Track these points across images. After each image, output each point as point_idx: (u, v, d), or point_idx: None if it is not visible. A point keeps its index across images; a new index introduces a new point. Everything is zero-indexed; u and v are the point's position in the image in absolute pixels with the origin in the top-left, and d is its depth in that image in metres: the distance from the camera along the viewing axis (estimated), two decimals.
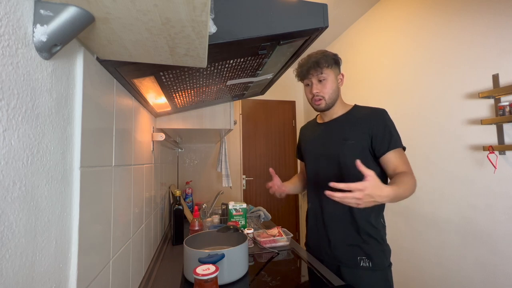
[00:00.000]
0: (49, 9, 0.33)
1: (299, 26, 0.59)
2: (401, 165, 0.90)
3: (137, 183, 0.85)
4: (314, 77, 0.98)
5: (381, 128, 0.93)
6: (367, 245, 0.93)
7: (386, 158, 0.91)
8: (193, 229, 1.30)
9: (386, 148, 0.91)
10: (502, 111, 1.27)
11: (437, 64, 1.65)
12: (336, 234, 0.98)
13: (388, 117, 0.96)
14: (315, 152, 1.07)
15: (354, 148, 0.94)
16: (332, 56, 1.00)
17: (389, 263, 0.95)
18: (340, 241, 0.97)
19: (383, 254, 0.94)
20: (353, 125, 0.97)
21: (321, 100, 0.99)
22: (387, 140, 0.91)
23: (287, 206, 3.41)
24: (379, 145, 0.92)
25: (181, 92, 0.88)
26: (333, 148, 0.99)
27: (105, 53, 0.48)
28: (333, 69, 0.99)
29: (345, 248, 0.96)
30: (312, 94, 1.00)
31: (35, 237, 0.34)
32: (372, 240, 0.94)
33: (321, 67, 0.96)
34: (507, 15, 1.28)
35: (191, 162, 2.48)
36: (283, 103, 3.50)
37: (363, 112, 0.99)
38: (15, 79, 0.31)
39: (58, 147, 0.40)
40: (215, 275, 0.63)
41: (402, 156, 0.92)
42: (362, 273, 0.92)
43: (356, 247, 0.94)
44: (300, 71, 1.02)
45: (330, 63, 0.98)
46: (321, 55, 0.98)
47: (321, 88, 0.98)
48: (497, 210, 1.32)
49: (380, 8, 2.15)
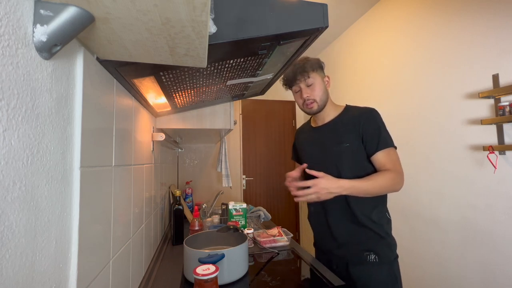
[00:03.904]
0: (49, 9, 0.33)
1: (299, 26, 0.59)
2: (387, 163, 0.92)
3: (137, 183, 0.85)
4: (302, 82, 1.00)
5: (370, 128, 0.95)
6: (371, 240, 0.95)
7: (375, 158, 0.94)
8: (193, 229, 1.30)
9: (375, 148, 0.93)
10: (502, 111, 1.27)
11: (437, 64, 1.65)
12: (340, 233, 0.99)
13: (377, 116, 0.97)
14: (313, 157, 1.08)
15: (349, 151, 0.96)
16: (315, 61, 1.02)
17: (395, 255, 0.97)
18: (345, 240, 0.98)
19: (389, 248, 0.95)
20: (346, 128, 0.99)
21: (313, 103, 1.00)
22: (375, 141, 0.93)
23: (287, 206, 3.41)
24: (369, 145, 0.94)
25: (181, 92, 0.88)
26: (329, 152, 1.01)
27: (105, 53, 0.48)
28: (319, 73, 1.02)
29: (351, 246, 0.97)
30: (302, 99, 1.02)
31: (35, 237, 0.34)
32: (376, 235, 0.95)
33: (307, 71, 0.98)
34: (507, 15, 1.28)
35: (191, 162, 2.48)
36: (283, 103, 3.50)
37: (353, 113, 1.01)
38: (15, 79, 0.31)
39: (58, 147, 0.40)
40: (215, 275, 0.63)
41: (391, 155, 0.94)
42: (370, 268, 0.93)
43: (361, 244, 0.95)
44: (287, 79, 1.04)
45: (315, 67, 1.00)
46: (305, 60, 1.01)
47: (310, 91, 1.00)
48: (497, 210, 1.32)
49: (380, 8, 2.15)
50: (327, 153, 1.01)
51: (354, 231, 0.97)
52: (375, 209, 0.96)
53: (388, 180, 0.89)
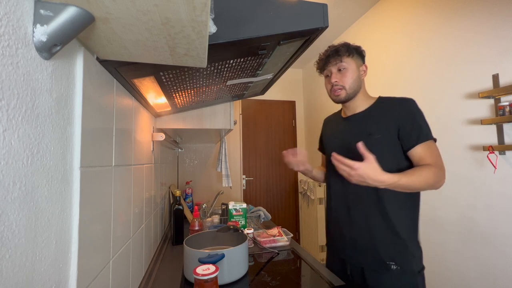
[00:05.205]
0: (49, 9, 0.33)
1: (299, 26, 0.59)
2: (427, 157, 0.83)
3: (137, 183, 0.85)
4: (334, 66, 0.93)
5: (408, 119, 0.86)
6: (395, 247, 0.86)
7: (413, 152, 0.85)
8: (193, 229, 1.30)
9: (414, 141, 0.84)
10: (502, 111, 1.27)
11: (437, 64, 1.65)
12: (362, 233, 0.91)
13: (416, 107, 0.88)
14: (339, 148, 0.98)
15: (381, 143, 0.87)
16: (354, 46, 0.94)
17: (420, 267, 0.87)
18: (366, 242, 0.90)
19: (413, 258, 0.86)
20: (378, 119, 0.91)
21: (340, 90, 0.92)
22: (415, 133, 0.84)
23: (287, 206, 3.42)
24: (406, 138, 0.85)
25: (181, 92, 0.88)
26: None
27: (105, 53, 0.48)
28: (355, 59, 0.94)
29: (371, 250, 0.88)
30: (331, 84, 0.94)
31: (35, 237, 0.34)
32: (402, 242, 0.86)
33: (341, 55, 0.91)
34: (507, 15, 1.28)
35: (191, 162, 2.48)
36: (283, 103, 3.50)
37: (388, 103, 0.92)
38: (15, 79, 0.31)
39: (58, 147, 0.40)
40: (215, 275, 0.63)
41: (431, 149, 0.85)
42: (389, 278, 0.85)
43: (384, 249, 0.86)
44: (319, 62, 0.97)
45: (351, 52, 0.92)
46: (342, 44, 0.94)
47: (340, 77, 0.92)
48: (497, 210, 1.32)
49: (380, 8, 2.15)
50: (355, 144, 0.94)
51: (378, 234, 0.88)
52: (410, 212, 0.88)
53: (432, 176, 0.79)
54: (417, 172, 0.80)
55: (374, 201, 0.88)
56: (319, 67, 0.99)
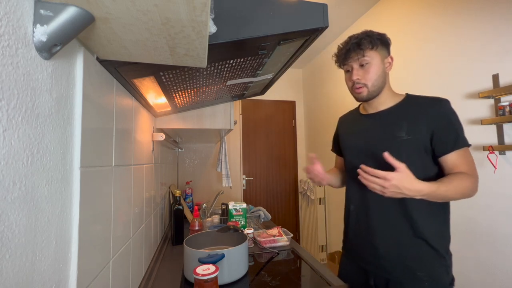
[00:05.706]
0: (49, 9, 0.33)
1: (299, 26, 0.59)
2: (462, 165, 0.76)
3: (137, 183, 0.85)
4: (355, 61, 0.83)
5: (444, 123, 0.77)
6: (426, 258, 0.78)
7: (447, 158, 0.77)
8: (193, 229, 1.30)
9: (450, 147, 0.76)
10: (502, 111, 1.27)
11: (437, 64, 1.65)
12: (386, 241, 0.82)
13: (451, 109, 0.79)
14: (358, 148, 0.90)
15: (409, 145, 0.78)
16: (378, 36, 0.83)
17: (451, 279, 0.79)
18: (391, 250, 0.81)
19: (445, 270, 0.78)
20: (408, 119, 0.81)
21: (362, 88, 0.83)
22: (452, 139, 0.76)
23: (287, 206, 3.41)
24: (441, 143, 0.77)
25: (181, 92, 0.88)
26: (381, 144, 0.82)
27: (105, 53, 0.48)
28: (379, 51, 0.83)
29: (397, 259, 0.80)
30: (352, 82, 0.85)
31: (35, 237, 0.34)
32: (434, 252, 0.78)
33: (363, 49, 0.81)
34: (507, 14, 1.28)
35: (191, 162, 2.48)
36: (283, 103, 3.50)
37: (419, 102, 0.83)
38: (15, 79, 0.31)
39: (58, 147, 0.40)
40: (215, 275, 0.63)
41: (467, 156, 0.77)
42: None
43: (413, 259, 0.78)
44: (338, 55, 0.88)
45: (374, 44, 0.82)
46: (364, 35, 0.83)
47: (363, 74, 0.83)
48: (497, 210, 1.32)
49: (380, 8, 2.15)
50: (379, 144, 0.83)
51: (405, 241, 0.79)
52: (439, 218, 0.81)
53: (470, 185, 0.73)
54: (454, 181, 0.73)
55: (399, 206, 0.80)
56: (338, 61, 0.89)
